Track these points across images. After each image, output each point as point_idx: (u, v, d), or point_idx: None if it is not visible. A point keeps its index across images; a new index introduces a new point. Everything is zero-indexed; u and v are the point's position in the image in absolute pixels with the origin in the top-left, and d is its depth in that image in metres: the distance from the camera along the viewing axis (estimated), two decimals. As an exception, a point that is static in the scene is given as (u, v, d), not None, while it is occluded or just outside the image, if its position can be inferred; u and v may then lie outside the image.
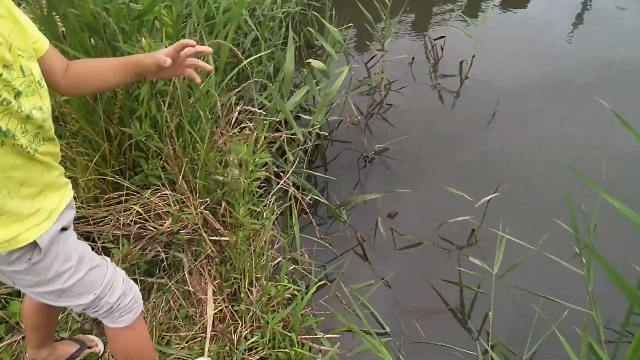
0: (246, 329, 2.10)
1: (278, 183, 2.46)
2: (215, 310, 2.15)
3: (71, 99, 2.12)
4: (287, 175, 2.44)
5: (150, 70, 1.34)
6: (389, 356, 1.73)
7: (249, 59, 2.37)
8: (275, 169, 2.70)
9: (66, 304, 1.45)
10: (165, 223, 2.25)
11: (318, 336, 2.14)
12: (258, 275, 2.24)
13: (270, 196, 2.43)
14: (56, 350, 1.95)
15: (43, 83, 1.20)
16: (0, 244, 1.21)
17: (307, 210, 2.56)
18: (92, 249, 2.25)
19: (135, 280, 2.22)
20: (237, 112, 2.54)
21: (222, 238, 2.24)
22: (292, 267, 2.38)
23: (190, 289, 2.19)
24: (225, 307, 2.18)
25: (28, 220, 1.24)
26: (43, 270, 1.32)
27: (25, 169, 1.19)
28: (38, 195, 1.26)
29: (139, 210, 2.25)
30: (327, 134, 2.96)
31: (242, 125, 2.73)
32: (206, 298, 2.17)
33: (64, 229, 1.38)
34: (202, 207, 2.22)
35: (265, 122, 2.48)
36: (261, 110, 2.32)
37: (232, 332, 2.10)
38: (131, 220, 2.25)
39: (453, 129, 3.56)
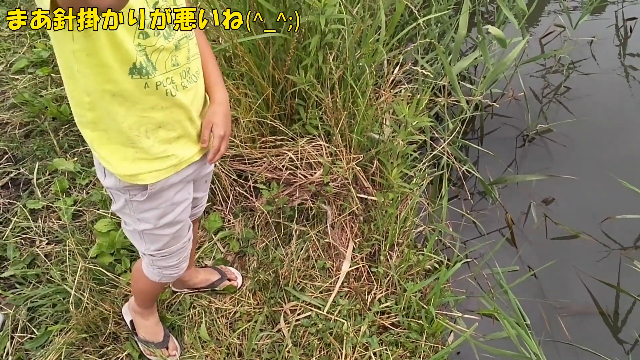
0: (381, 292, 2.07)
1: (434, 149, 2.36)
2: (352, 268, 2.14)
3: (244, 41, 2.17)
4: (446, 142, 2.33)
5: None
6: (536, 347, 1.60)
7: (424, 18, 2.26)
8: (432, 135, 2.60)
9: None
10: (315, 173, 2.27)
11: (454, 314, 2.06)
12: (400, 241, 2.19)
13: (423, 162, 2.35)
14: (198, 275, 2.05)
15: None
16: (123, 176, 1.24)
17: (463, 181, 2.43)
18: (243, 187, 2.38)
19: (278, 224, 2.27)
20: (399, 72, 2.46)
21: (370, 197, 2.21)
22: (435, 239, 2.29)
23: (331, 241, 2.19)
24: (363, 266, 2.16)
25: (154, 162, 1.24)
26: (132, 210, 1.33)
27: (166, 112, 1.19)
28: (175, 141, 1.26)
29: (292, 156, 2.28)
30: (493, 103, 2.77)
31: (400, 88, 2.65)
32: (345, 252, 2.16)
33: (188, 181, 1.39)
34: (354, 163, 2.20)
35: (429, 85, 2.37)
36: (428, 72, 2.21)
37: (366, 292, 2.08)
38: (283, 166, 2.30)
39: (632, 119, 3.19)
